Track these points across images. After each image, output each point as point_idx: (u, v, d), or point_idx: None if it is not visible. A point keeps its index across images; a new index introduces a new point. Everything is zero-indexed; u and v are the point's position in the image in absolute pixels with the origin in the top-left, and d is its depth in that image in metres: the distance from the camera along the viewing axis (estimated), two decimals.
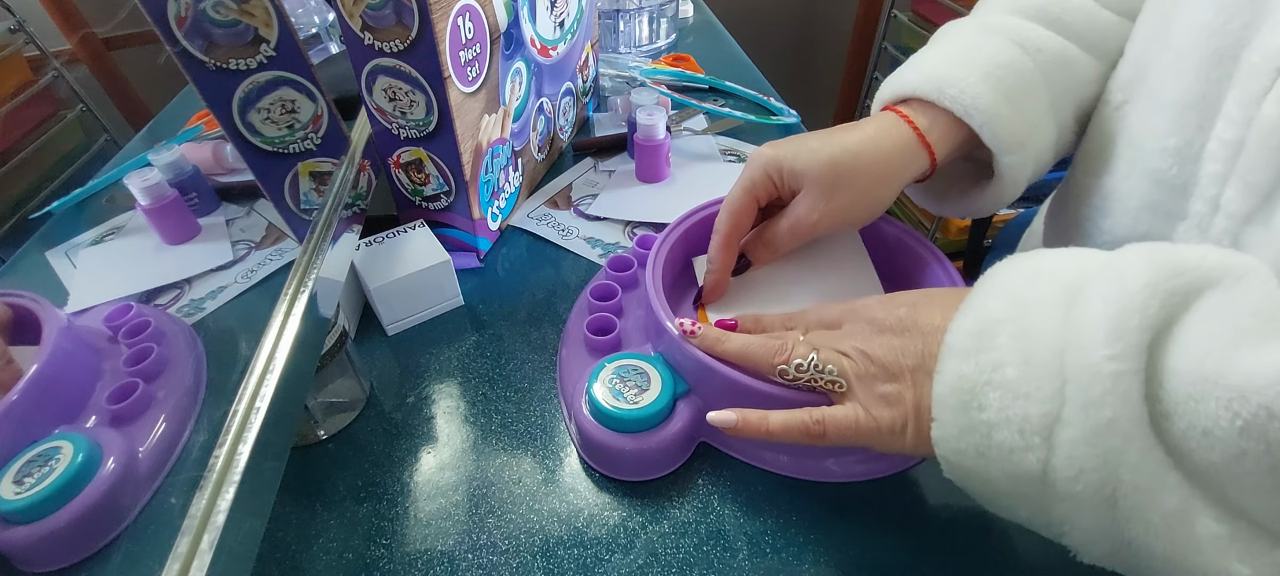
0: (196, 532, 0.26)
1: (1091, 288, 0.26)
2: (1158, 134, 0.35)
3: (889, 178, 0.40)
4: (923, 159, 0.40)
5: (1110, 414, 0.23)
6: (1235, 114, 0.31)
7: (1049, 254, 0.29)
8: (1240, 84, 0.31)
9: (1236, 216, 0.31)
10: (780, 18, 1.90)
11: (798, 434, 0.33)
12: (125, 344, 0.36)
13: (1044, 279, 0.28)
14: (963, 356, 0.28)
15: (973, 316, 0.29)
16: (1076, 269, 0.27)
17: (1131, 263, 0.25)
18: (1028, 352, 0.26)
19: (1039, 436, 0.25)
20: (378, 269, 0.48)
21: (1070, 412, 0.24)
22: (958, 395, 0.28)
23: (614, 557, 0.35)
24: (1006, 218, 1.04)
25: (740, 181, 0.42)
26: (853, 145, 0.40)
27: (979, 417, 0.27)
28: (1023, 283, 0.28)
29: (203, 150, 0.50)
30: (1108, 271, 0.26)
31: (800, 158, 0.40)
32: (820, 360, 0.33)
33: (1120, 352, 0.23)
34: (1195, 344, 0.23)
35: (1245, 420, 0.21)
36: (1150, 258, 0.25)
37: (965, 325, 0.28)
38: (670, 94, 0.78)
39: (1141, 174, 0.36)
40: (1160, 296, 0.24)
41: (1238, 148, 0.31)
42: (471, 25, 0.47)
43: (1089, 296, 0.25)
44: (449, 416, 0.44)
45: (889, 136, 0.40)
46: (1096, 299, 0.25)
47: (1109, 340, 0.24)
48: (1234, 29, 0.31)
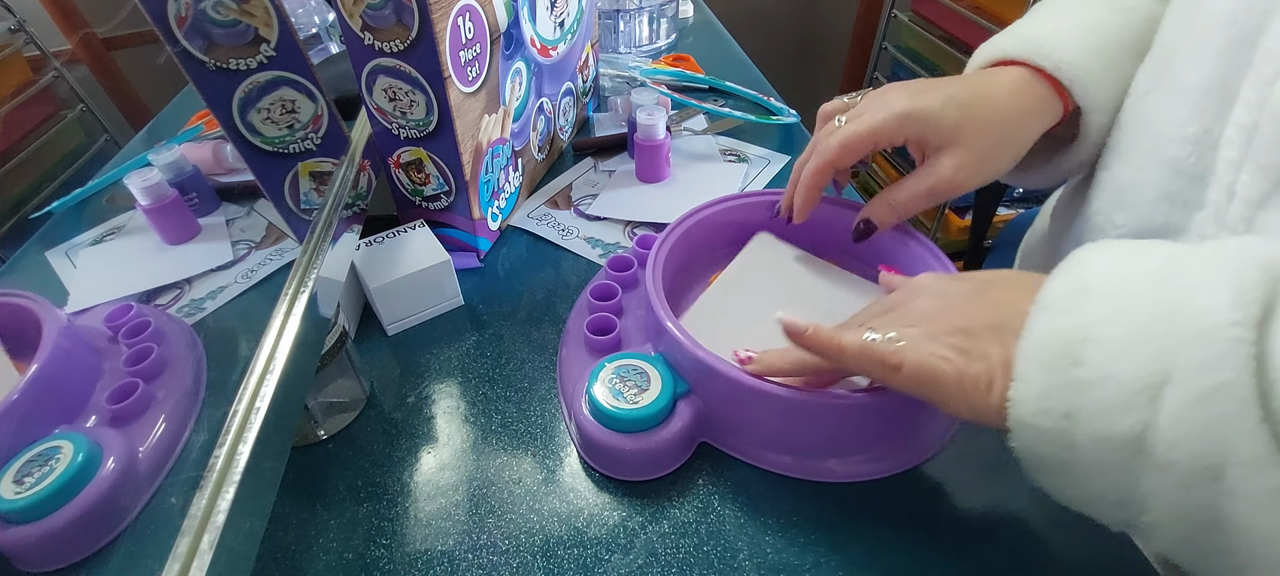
0: (196, 532, 0.26)
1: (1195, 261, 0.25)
2: (1177, 122, 0.35)
3: (1032, 132, 0.40)
4: (1057, 111, 0.40)
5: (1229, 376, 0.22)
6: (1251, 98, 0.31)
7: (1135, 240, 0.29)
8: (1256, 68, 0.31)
9: (1250, 201, 0.31)
10: (780, 18, 1.90)
11: (873, 363, 0.31)
12: (125, 344, 0.36)
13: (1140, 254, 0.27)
14: (1057, 312, 0.27)
15: (1070, 276, 0.28)
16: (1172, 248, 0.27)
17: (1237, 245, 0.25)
18: (1133, 312, 0.25)
19: (1143, 396, 0.24)
20: (378, 269, 0.48)
21: (1181, 374, 0.23)
22: (1049, 351, 0.26)
23: (614, 557, 0.35)
24: (1006, 218, 1.04)
25: (868, 123, 0.39)
26: (1002, 101, 0.39)
27: (1073, 375, 0.25)
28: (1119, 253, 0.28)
29: (203, 150, 0.50)
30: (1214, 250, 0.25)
31: (947, 115, 0.38)
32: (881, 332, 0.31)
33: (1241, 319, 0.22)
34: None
35: None
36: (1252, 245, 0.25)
37: (1060, 284, 0.27)
38: (670, 94, 0.77)
39: (1159, 164, 0.36)
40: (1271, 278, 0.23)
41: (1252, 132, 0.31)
42: (471, 25, 0.47)
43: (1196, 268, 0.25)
44: (449, 416, 0.44)
45: (1032, 90, 0.39)
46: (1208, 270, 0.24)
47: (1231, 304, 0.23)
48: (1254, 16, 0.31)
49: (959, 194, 0.39)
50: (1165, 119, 0.36)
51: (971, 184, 0.39)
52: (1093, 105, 0.39)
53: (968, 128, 0.38)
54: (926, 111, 0.38)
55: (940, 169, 0.39)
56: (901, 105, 0.39)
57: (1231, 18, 0.32)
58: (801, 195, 0.43)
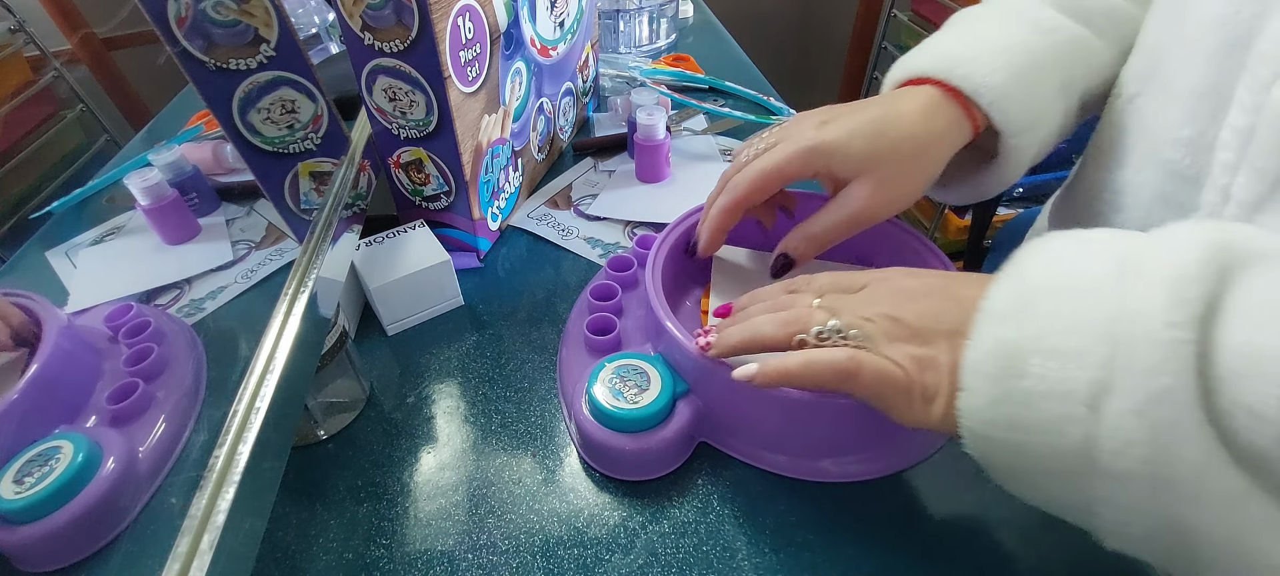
0: (196, 532, 0.26)
1: (1143, 258, 0.24)
2: (1171, 125, 0.35)
3: (942, 156, 0.39)
4: (967, 133, 0.39)
5: (1168, 382, 0.22)
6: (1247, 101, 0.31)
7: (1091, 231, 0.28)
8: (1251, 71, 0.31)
9: (1246, 205, 0.31)
10: (780, 18, 1.90)
11: (824, 371, 0.30)
12: (125, 344, 0.36)
13: (1090, 249, 0.27)
14: (1002, 321, 0.26)
15: (1014, 282, 0.27)
16: (1124, 242, 0.26)
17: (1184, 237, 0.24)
18: (1075, 319, 0.25)
19: (1085, 406, 0.24)
20: (378, 269, 0.48)
21: (1121, 380, 0.23)
22: (995, 361, 0.26)
23: (614, 557, 0.35)
24: (1006, 217, 1.04)
25: (774, 160, 0.39)
26: (908, 127, 0.38)
27: (1017, 386, 0.25)
28: (1066, 252, 0.27)
29: (203, 150, 0.50)
30: (1159, 244, 0.25)
31: (853, 147, 0.37)
32: (843, 324, 0.31)
33: (1180, 321, 0.22)
34: (1246, 319, 0.22)
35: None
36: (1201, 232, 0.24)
37: (1005, 290, 0.27)
38: (670, 94, 0.78)
39: (1155, 166, 0.36)
40: (1214, 269, 0.23)
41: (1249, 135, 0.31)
42: (471, 25, 0.47)
43: (1141, 266, 0.24)
44: (449, 416, 0.44)
45: (941, 113, 0.39)
46: (1151, 267, 0.24)
47: (1168, 307, 0.22)
48: (1245, 18, 0.31)
49: (877, 221, 0.39)
50: (1159, 121, 0.36)
51: (886, 212, 0.39)
52: (1012, 129, 0.38)
53: (876, 157, 0.38)
54: (833, 145, 0.38)
55: (852, 201, 0.38)
56: (807, 140, 0.38)
57: (1222, 21, 0.32)
58: (708, 232, 0.42)
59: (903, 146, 0.38)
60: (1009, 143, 0.39)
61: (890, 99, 0.40)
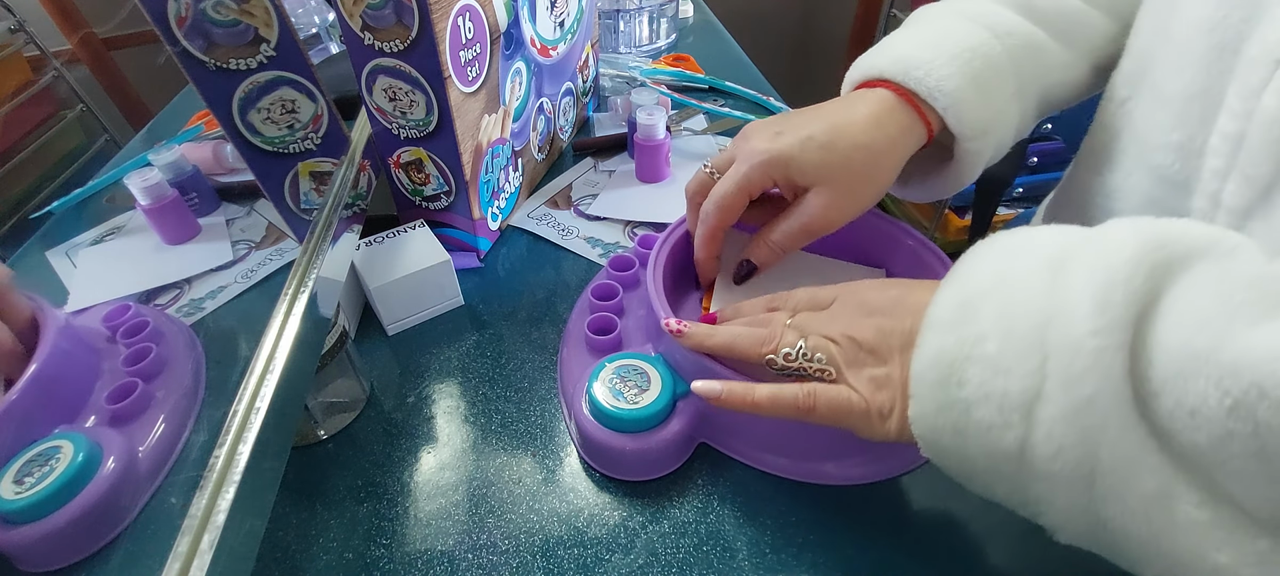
0: (196, 532, 0.26)
1: (1076, 260, 0.25)
2: (1161, 129, 0.35)
3: (896, 162, 0.39)
4: (921, 136, 0.39)
5: (1091, 390, 0.22)
6: (1236, 107, 0.31)
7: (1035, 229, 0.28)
8: (1241, 77, 0.30)
9: (1236, 211, 0.31)
10: (780, 18, 1.90)
11: (787, 407, 0.32)
12: (124, 343, 0.36)
13: (1028, 251, 0.27)
14: (943, 329, 0.27)
15: (956, 288, 0.28)
16: (1061, 241, 0.26)
17: (1116, 235, 0.24)
18: (1010, 326, 0.25)
19: (1018, 413, 0.24)
20: (378, 269, 0.48)
21: (1051, 388, 0.23)
22: (936, 370, 0.27)
23: (614, 557, 0.35)
24: (1006, 218, 1.04)
25: (732, 178, 0.40)
26: (860, 137, 0.38)
27: (957, 394, 0.26)
28: (1007, 255, 0.28)
29: (203, 150, 0.50)
30: (1093, 243, 0.25)
31: (807, 155, 0.38)
32: (809, 347, 0.32)
33: (1104, 326, 0.22)
34: (1185, 319, 0.22)
35: (1235, 398, 0.20)
36: (1136, 229, 0.24)
37: (948, 297, 0.28)
38: (670, 94, 0.78)
39: (1145, 170, 0.36)
40: (1145, 268, 0.23)
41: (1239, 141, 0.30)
42: (471, 25, 0.47)
43: (1073, 269, 0.24)
44: (449, 416, 0.44)
45: (894, 119, 0.39)
46: (1081, 271, 0.24)
47: (1092, 314, 0.23)
48: (1234, 23, 0.31)
49: (834, 229, 0.40)
50: (1149, 126, 0.36)
51: (842, 218, 0.39)
52: (967, 133, 0.38)
53: (830, 165, 0.38)
54: (788, 155, 0.38)
55: (810, 208, 0.39)
56: (762, 154, 0.39)
57: (1212, 25, 0.32)
58: (701, 264, 0.44)
59: (854, 156, 0.38)
60: (964, 146, 0.39)
61: (844, 105, 0.40)
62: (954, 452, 0.27)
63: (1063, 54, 0.41)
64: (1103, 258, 0.24)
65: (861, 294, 0.33)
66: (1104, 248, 0.24)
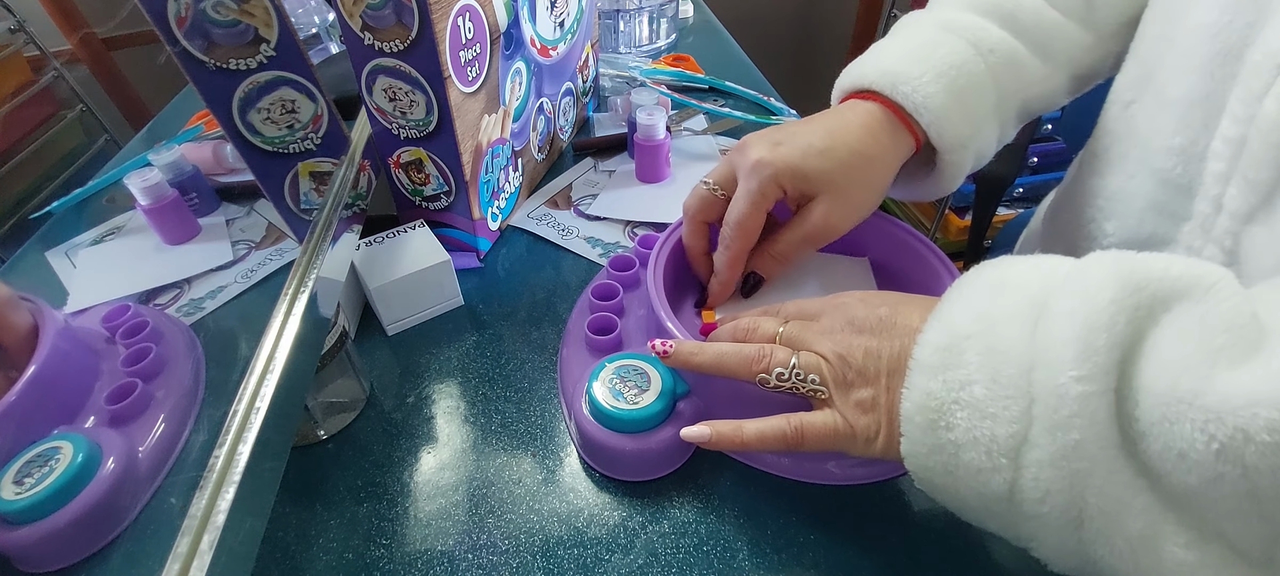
0: (196, 532, 0.26)
1: (1057, 303, 0.25)
2: (1164, 133, 0.35)
3: (890, 169, 0.41)
4: (910, 146, 0.41)
5: (1077, 436, 0.23)
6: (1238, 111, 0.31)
7: (1015, 263, 0.29)
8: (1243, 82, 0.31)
9: (1238, 215, 0.31)
10: (780, 18, 1.90)
11: (775, 441, 0.32)
12: (123, 344, 0.36)
13: (1009, 291, 0.27)
14: (930, 373, 0.27)
15: (940, 330, 0.28)
16: (1041, 281, 0.26)
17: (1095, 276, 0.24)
18: (995, 370, 0.25)
19: (1006, 458, 0.25)
20: (378, 269, 0.48)
21: (1037, 434, 0.24)
22: (924, 414, 0.27)
23: (614, 557, 0.35)
24: (1006, 218, 1.04)
25: (746, 196, 0.40)
26: (856, 144, 0.40)
27: (946, 437, 0.26)
28: (988, 296, 0.28)
29: (203, 150, 0.50)
30: (1072, 285, 0.25)
31: (810, 163, 0.39)
32: (801, 366, 0.32)
33: (1088, 373, 0.23)
34: (1169, 362, 0.22)
35: (1222, 443, 0.20)
36: (1115, 270, 0.24)
37: (932, 339, 0.28)
38: (670, 94, 0.77)
39: (1147, 174, 0.36)
40: (1127, 312, 0.23)
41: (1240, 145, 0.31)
42: (471, 25, 0.47)
43: (1055, 312, 0.25)
44: (449, 416, 0.44)
45: (884, 129, 0.40)
46: (1062, 316, 0.24)
47: (1077, 360, 0.23)
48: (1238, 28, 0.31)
49: (836, 236, 0.41)
50: (1152, 129, 0.36)
51: (844, 225, 0.40)
52: (948, 146, 0.40)
53: (830, 176, 0.39)
54: (792, 165, 0.39)
55: (813, 218, 0.40)
56: (770, 164, 0.39)
57: (1216, 30, 0.32)
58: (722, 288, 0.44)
59: (852, 163, 0.39)
60: (946, 158, 0.41)
61: (835, 115, 0.41)
62: (946, 490, 0.28)
63: (1041, 67, 0.42)
64: (1083, 302, 0.24)
65: (850, 310, 0.33)
66: (1084, 290, 0.24)
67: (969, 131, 0.40)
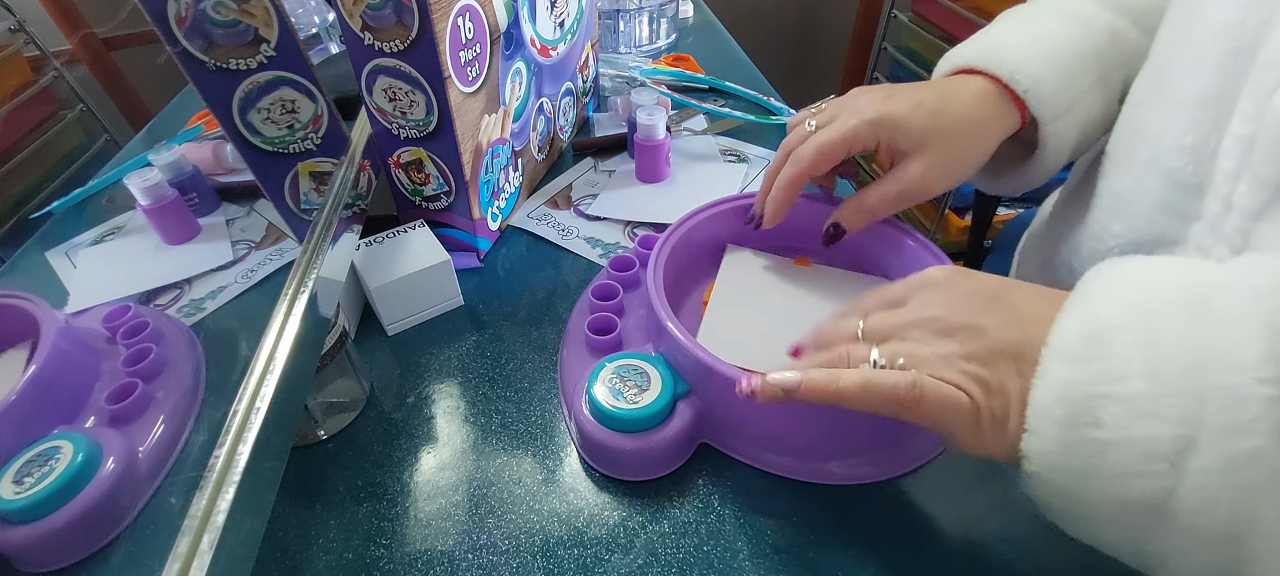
0: (196, 532, 0.26)
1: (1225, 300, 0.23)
2: (1175, 132, 0.35)
3: (994, 140, 0.41)
4: (1015, 120, 0.41)
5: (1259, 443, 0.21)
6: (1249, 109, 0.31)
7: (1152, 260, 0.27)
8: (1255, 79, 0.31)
9: (1248, 213, 0.31)
10: (780, 18, 1.90)
11: (883, 399, 0.28)
12: (123, 344, 0.36)
13: (1163, 285, 0.25)
14: (1072, 362, 0.25)
15: (1082, 318, 0.26)
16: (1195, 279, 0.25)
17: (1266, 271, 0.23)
18: (1155, 366, 0.23)
19: (1166, 462, 0.22)
20: (378, 269, 0.48)
21: (1208, 438, 0.22)
22: (1065, 406, 0.24)
23: (614, 557, 0.35)
24: (1006, 218, 1.04)
25: (840, 129, 0.40)
26: (965, 110, 0.40)
27: (1091, 435, 0.24)
28: (1136, 289, 0.26)
29: (203, 150, 0.50)
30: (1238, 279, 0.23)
31: (917, 119, 0.39)
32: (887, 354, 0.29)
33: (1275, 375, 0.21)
34: None
35: None
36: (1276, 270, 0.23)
37: (1073, 327, 0.25)
38: (670, 94, 0.77)
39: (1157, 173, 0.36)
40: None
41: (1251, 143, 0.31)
42: (471, 25, 0.47)
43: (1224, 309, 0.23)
44: (449, 416, 0.44)
45: (990, 101, 0.41)
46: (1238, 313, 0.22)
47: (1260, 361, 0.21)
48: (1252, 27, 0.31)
49: (928, 197, 0.41)
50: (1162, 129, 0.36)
51: (939, 187, 0.40)
52: (1047, 115, 0.40)
53: (935, 134, 0.39)
54: (897, 117, 0.39)
55: (910, 172, 0.40)
56: (873, 111, 0.40)
57: (1229, 29, 0.32)
58: (775, 202, 0.43)
59: (959, 127, 0.40)
60: (1047, 128, 0.41)
61: (945, 83, 0.42)
62: (1071, 494, 0.25)
63: (1143, 41, 0.42)
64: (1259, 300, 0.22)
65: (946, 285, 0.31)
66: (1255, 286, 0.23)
67: (1069, 99, 0.40)
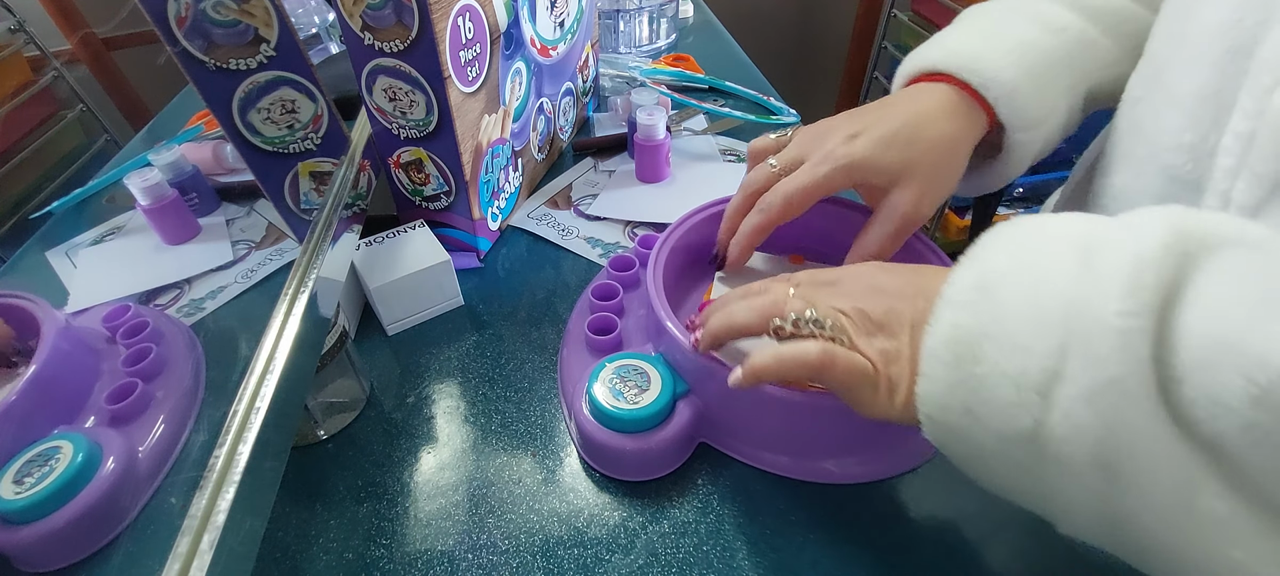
0: (196, 532, 0.26)
1: (1106, 243, 0.24)
2: (1173, 130, 0.35)
3: (969, 150, 0.40)
4: (983, 126, 0.40)
5: (1115, 372, 0.22)
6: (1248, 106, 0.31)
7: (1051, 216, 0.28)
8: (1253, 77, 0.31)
9: (1245, 210, 0.31)
10: (780, 18, 1.90)
11: (794, 364, 0.30)
12: (123, 344, 0.36)
13: (1053, 237, 0.26)
14: (960, 307, 0.26)
15: (974, 270, 0.27)
16: (1087, 228, 0.26)
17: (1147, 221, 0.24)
18: (1032, 304, 0.24)
19: (1036, 393, 0.24)
20: (378, 269, 0.48)
21: (1072, 369, 0.23)
22: (951, 347, 0.26)
23: (614, 557, 0.35)
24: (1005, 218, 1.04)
25: (809, 176, 0.39)
26: (937, 127, 0.39)
27: (972, 371, 0.25)
28: (1028, 238, 0.27)
29: (203, 150, 0.50)
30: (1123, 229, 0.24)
31: (890, 158, 0.38)
32: (820, 314, 0.31)
33: (1133, 309, 0.22)
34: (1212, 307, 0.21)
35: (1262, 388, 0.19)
36: (1166, 217, 0.24)
37: (965, 278, 0.27)
38: (670, 94, 0.77)
39: (1156, 171, 0.36)
40: (1176, 255, 0.22)
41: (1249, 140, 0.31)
42: (471, 25, 0.47)
43: (1104, 251, 0.24)
44: (449, 416, 0.44)
45: (959, 109, 0.40)
46: (1111, 253, 0.24)
47: (1123, 294, 0.22)
48: (1248, 26, 0.31)
49: (925, 221, 0.40)
50: (1161, 127, 0.36)
51: (931, 211, 0.39)
52: (1017, 125, 0.39)
53: (912, 162, 0.38)
54: (870, 160, 0.38)
55: (900, 207, 0.39)
56: (844, 157, 0.38)
57: (1226, 27, 0.32)
58: (740, 249, 0.42)
59: (935, 148, 0.39)
60: (1014, 137, 0.40)
61: (910, 100, 0.40)
62: (962, 434, 0.27)
63: (1111, 48, 0.42)
64: (1134, 244, 0.23)
65: (869, 275, 0.33)
66: (1135, 234, 0.24)
67: (1041, 110, 0.40)
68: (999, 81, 0.38)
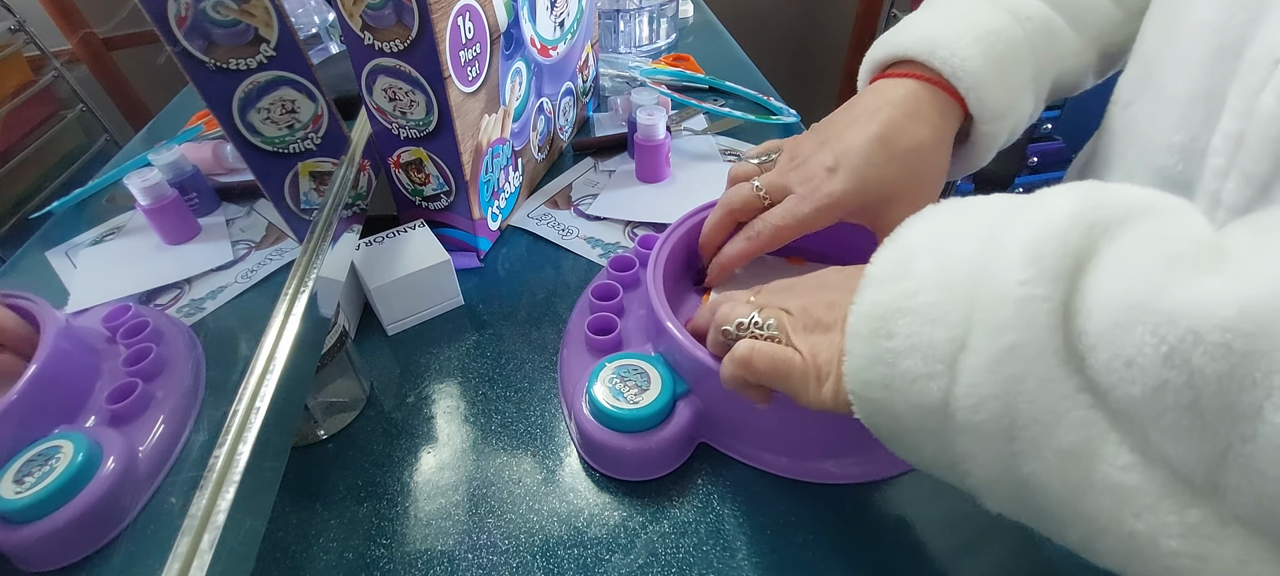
0: (196, 532, 0.26)
1: (1013, 217, 0.25)
2: (1165, 131, 0.35)
3: (949, 149, 0.40)
4: (959, 116, 0.40)
5: (1013, 339, 0.22)
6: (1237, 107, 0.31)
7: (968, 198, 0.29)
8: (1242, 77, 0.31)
9: (1235, 209, 0.31)
10: (780, 18, 1.90)
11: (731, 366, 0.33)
12: (124, 344, 0.36)
13: (969, 212, 0.27)
14: (879, 284, 0.27)
15: (896, 248, 0.28)
16: (1002, 204, 0.26)
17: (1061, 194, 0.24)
18: (944, 278, 0.25)
19: (943, 364, 0.24)
20: (378, 269, 0.48)
21: (975, 338, 0.23)
22: (869, 323, 0.27)
23: (614, 557, 0.35)
24: None
25: (796, 216, 0.39)
26: (914, 139, 0.38)
27: (886, 346, 0.26)
28: (947, 216, 0.28)
29: (203, 150, 0.50)
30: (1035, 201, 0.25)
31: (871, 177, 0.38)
32: (761, 317, 0.33)
33: (1032, 277, 0.22)
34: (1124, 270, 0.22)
35: (1171, 345, 0.19)
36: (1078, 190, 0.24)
37: (886, 255, 0.28)
38: (670, 94, 0.77)
39: (1148, 171, 0.37)
40: (1084, 225, 0.23)
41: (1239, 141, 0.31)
42: (471, 25, 0.47)
43: (1011, 223, 0.24)
44: (449, 416, 0.44)
45: (933, 107, 0.39)
46: (1017, 224, 0.24)
47: (1023, 264, 0.23)
48: (1237, 25, 0.31)
49: None
50: (1153, 128, 0.36)
51: None
52: (985, 116, 0.39)
53: (891, 181, 0.38)
54: (854, 194, 0.38)
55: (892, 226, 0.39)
56: (826, 197, 0.38)
57: (1216, 27, 0.32)
58: (722, 271, 0.43)
59: (917, 157, 0.39)
60: (981, 128, 0.40)
61: (882, 104, 0.40)
62: (882, 408, 0.27)
63: (1076, 39, 0.42)
64: (1040, 215, 0.24)
65: (822, 276, 0.34)
66: (1044, 206, 0.24)
67: (1008, 100, 0.39)
68: (967, 70, 0.38)
